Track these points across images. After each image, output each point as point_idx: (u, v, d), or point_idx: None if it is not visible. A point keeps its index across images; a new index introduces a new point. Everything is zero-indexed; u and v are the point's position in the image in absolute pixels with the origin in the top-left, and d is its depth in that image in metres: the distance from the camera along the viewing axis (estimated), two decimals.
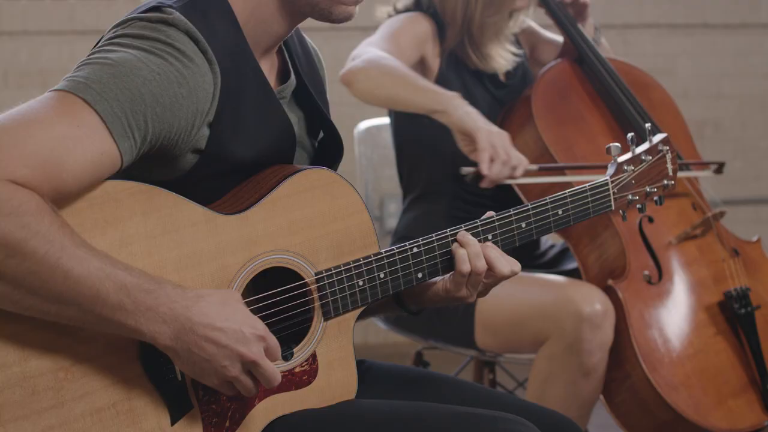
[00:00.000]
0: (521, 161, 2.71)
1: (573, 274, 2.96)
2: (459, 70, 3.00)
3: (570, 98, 3.00)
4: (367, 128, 3.48)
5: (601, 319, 2.69)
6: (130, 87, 1.61)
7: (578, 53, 3.05)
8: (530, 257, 3.07)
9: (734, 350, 2.85)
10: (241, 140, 1.77)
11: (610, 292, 2.77)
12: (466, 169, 2.71)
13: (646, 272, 2.82)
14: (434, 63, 2.99)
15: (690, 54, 5.55)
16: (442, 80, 2.96)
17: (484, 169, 2.66)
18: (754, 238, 3.09)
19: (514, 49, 3.03)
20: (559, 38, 3.23)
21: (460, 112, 2.71)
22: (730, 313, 2.86)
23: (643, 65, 3.22)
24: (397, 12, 3.04)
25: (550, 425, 1.88)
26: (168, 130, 1.66)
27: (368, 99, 2.83)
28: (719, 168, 3.01)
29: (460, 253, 1.85)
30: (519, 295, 2.82)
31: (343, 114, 2.35)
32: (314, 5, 1.80)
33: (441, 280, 1.90)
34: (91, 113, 1.59)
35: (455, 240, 1.87)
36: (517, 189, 2.89)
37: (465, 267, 1.85)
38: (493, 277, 1.88)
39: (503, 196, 2.95)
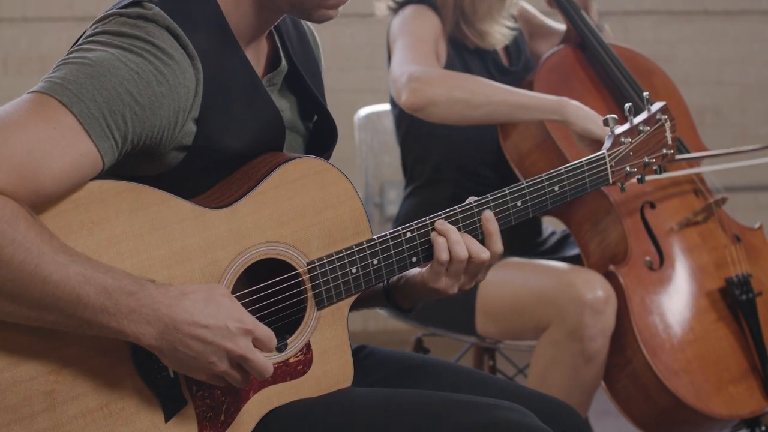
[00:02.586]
0: None
1: (574, 260, 2.96)
2: (462, 55, 2.99)
3: (572, 84, 2.99)
4: (367, 115, 3.47)
5: (603, 305, 2.68)
6: (108, 87, 1.59)
7: (581, 39, 3.04)
8: (531, 244, 3.07)
9: (735, 336, 2.85)
10: (230, 133, 1.75)
11: (611, 277, 2.76)
12: None
13: (648, 258, 2.82)
14: (443, 52, 2.97)
15: (690, 41, 5.55)
16: (449, 68, 2.94)
17: None
18: (756, 225, 3.09)
19: (509, 23, 3.01)
20: (557, 25, 3.22)
21: (582, 119, 2.63)
22: (732, 300, 2.86)
23: (643, 52, 3.22)
24: (397, 4, 3.01)
25: (551, 412, 1.87)
26: (150, 129, 1.64)
27: (454, 121, 2.77)
28: None
29: (439, 242, 1.83)
30: (520, 282, 2.81)
31: (343, 100, 2.35)
32: (294, 5, 1.78)
33: (419, 273, 1.89)
34: (68, 114, 1.56)
35: (434, 229, 1.85)
36: (518, 172, 2.89)
37: (444, 255, 1.82)
38: (473, 264, 1.86)
39: (506, 185, 2.94)
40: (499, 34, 2.98)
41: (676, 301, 2.82)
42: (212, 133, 1.72)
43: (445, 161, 3.01)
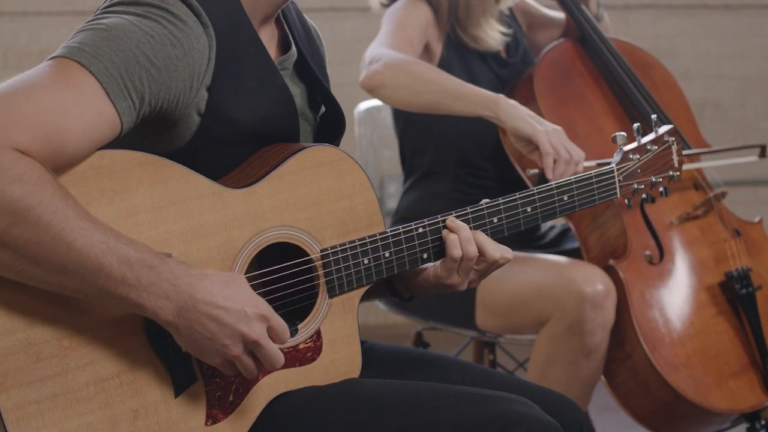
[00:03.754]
0: (581, 156, 2.63)
1: (574, 254, 2.96)
2: (460, 51, 3.00)
3: (572, 78, 2.99)
4: (367, 109, 3.47)
5: (603, 299, 2.68)
6: (124, 49, 1.62)
7: (581, 33, 3.04)
8: (531, 239, 3.07)
9: (735, 331, 2.85)
10: (240, 104, 1.77)
11: (611, 271, 2.76)
12: (532, 171, 2.65)
13: (648, 252, 2.82)
14: (437, 47, 2.98)
15: (690, 35, 5.55)
16: (445, 64, 2.95)
17: (549, 172, 2.59)
18: (756, 219, 3.09)
19: (503, 28, 3.01)
20: (556, 14, 3.21)
21: (514, 117, 2.61)
22: (731, 294, 2.86)
23: (643, 46, 3.22)
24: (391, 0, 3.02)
25: (551, 406, 1.87)
26: (166, 91, 1.67)
27: (401, 106, 2.80)
28: (762, 151, 2.98)
29: (451, 238, 1.86)
30: (520, 276, 2.81)
31: (343, 95, 2.34)
32: None
33: (432, 267, 1.91)
34: (87, 74, 1.59)
35: (445, 226, 1.87)
36: (523, 175, 2.88)
37: (456, 252, 1.85)
38: (484, 263, 1.88)
39: (506, 179, 2.94)
40: (493, 39, 2.98)
41: (675, 295, 2.82)
42: (223, 104, 1.75)
43: (443, 154, 3.01)
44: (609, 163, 2.07)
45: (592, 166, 2.67)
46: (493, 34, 2.98)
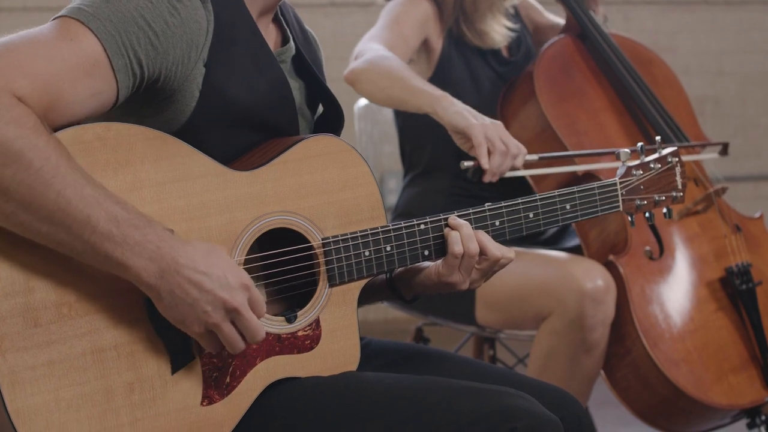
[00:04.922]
0: (520, 150, 2.63)
1: (573, 251, 2.96)
2: (461, 48, 3.00)
3: (572, 74, 2.99)
4: (367, 104, 3.47)
5: (603, 295, 2.69)
6: (123, 11, 1.66)
7: (581, 29, 3.04)
8: (530, 234, 3.07)
9: (735, 326, 2.85)
10: (236, 83, 1.79)
11: (611, 267, 2.77)
12: (467, 163, 2.63)
13: (648, 248, 2.82)
14: (437, 43, 2.98)
15: (691, 31, 5.55)
16: (445, 60, 2.96)
17: (484, 163, 2.60)
18: (757, 214, 3.09)
19: (509, 23, 3.01)
20: (561, 20, 3.21)
21: (450, 112, 2.64)
22: (732, 289, 2.86)
23: (643, 42, 3.22)
24: None
25: (551, 400, 1.88)
26: (164, 57, 1.69)
27: (373, 100, 2.85)
28: (724, 149, 2.99)
29: (453, 235, 1.87)
30: (520, 272, 2.81)
31: (343, 90, 2.35)
32: None
33: (434, 265, 1.92)
34: (86, 31, 1.63)
35: (447, 224, 1.89)
36: (528, 177, 2.88)
37: (458, 248, 1.86)
38: (486, 261, 1.89)
39: (506, 178, 2.95)
40: (499, 34, 2.98)
41: (676, 290, 2.82)
42: (218, 79, 1.77)
43: (443, 150, 3.01)
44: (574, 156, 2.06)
45: (534, 160, 2.68)
46: (499, 29, 2.98)
